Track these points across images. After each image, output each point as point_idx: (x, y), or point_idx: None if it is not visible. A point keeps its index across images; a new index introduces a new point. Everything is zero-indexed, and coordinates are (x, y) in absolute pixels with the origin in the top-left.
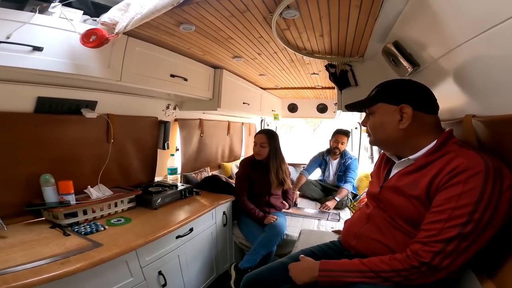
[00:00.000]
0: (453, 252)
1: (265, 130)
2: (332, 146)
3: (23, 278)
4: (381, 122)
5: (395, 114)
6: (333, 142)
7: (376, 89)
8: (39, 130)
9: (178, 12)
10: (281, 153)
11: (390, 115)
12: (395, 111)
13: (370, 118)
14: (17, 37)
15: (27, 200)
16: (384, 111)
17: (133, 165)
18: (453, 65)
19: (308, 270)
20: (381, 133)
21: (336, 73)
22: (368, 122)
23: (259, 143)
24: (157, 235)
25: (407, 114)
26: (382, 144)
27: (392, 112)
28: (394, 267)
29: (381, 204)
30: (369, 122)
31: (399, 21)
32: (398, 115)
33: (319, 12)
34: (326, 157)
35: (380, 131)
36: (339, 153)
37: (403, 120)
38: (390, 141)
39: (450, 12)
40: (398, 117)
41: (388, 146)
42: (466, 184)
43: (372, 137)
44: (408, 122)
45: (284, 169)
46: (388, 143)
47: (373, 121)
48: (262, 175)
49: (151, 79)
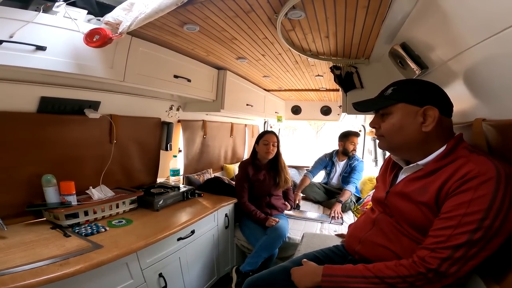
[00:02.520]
0: (461, 259)
1: (272, 131)
2: (348, 149)
3: (22, 279)
4: (400, 124)
5: (417, 116)
6: (349, 144)
7: (392, 87)
8: (41, 130)
9: (182, 12)
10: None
11: (411, 117)
12: (418, 112)
13: (384, 119)
14: (21, 36)
15: (28, 200)
16: (405, 112)
17: (135, 166)
18: (464, 68)
19: (311, 275)
20: (400, 136)
21: (341, 75)
22: (381, 123)
23: (272, 142)
24: (158, 237)
25: (433, 116)
26: (397, 148)
27: (414, 114)
28: (400, 273)
29: (387, 209)
30: (384, 123)
31: (408, 22)
32: (421, 117)
33: (325, 13)
34: (334, 158)
35: (399, 133)
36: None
37: (426, 122)
38: (408, 145)
39: (462, 13)
40: (420, 119)
41: (404, 150)
42: (476, 191)
43: (386, 140)
44: (433, 125)
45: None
46: (405, 147)
47: (391, 123)
48: (263, 176)
49: (154, 80)
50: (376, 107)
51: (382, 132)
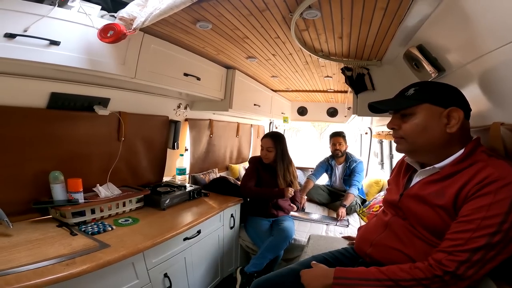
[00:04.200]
0: (479, 262)
1: (270, 134)
2: (331, 150)
3: (26, 279)
4: (425, 125)
5: (442, 117)
6: (331, 146)
7: (413, 88)
8: (50, 127)
9: (196, 9)
10: (288, 155)
11: (436, 118)
12: (443, 114)
13: (406, 120)
14: (35, 31)
15: (34, 197)
16: (430, 113)
17: (142, 164)
18: (483, 71)
19: (321, 277)
20: (423, 137)
21: (353, 76)
22: (402, 124)
23: (266, 147)
24: (165, 237)
25: (457, 118)
26: (419, 149)
27: (438, 115)
28: (415, 276)
29: (400, 212)
30: (406, 124)
31: (426, 24)
32: (445, 118)
33: (341, 13)
34: (331, 162)
35: (423, 134)
36: (342, 155)
37: (451, 124)
38: (429, 146)
39: (484, 17)
40: (445, 120)
41: (425, 152)
42: (496, 195)
43: (407, 141)
44: (457, 126)
45: (292, 171)
46: (427, 149)
47: (414, 123)
48: (270, 177)
49: (164, 77)
50: (399, 107)
51: (403, 134)
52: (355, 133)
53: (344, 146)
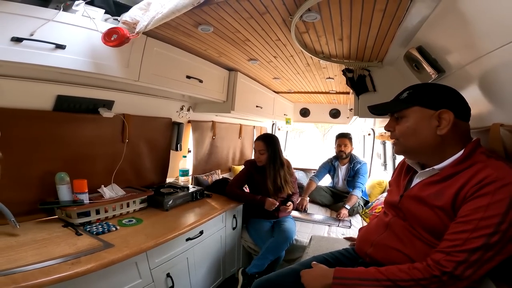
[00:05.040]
0: (476, 262)
1: (262, 136)
2: (336, 151)
3: (33, 278)
4: (415, 127)
5: (432, 119)
6: (336, 147)
7: (407, 91)
8: (56, 128)
9: (197, 12)
10: (281, 158)
11: (426, 120)
12: (433, 116)
13: (399, 123)
14: (41, 35)
15: (41, 198)
16: (420, 115)
17: (145, 165)
18: (482, 72)
19: (321, 277)
20: (414, 139)
21: (354, 78)
22: (396, 126)
23: (258, 150)
24: (168, 237)
25: (447, 120)
26: (411, 151)
27: (429, 117)
28: (414, 276)
29: (401, 213)
30: (399, 126)
31: (425, 25)
32: (436, 120)
33: (340, 16)
34: (335, 163)
35: (413, 137)
36: (346, 156)
37: (441, 126)
38: (422, 148)
39: (483, 17)
40: (435, 122)
41: (418, 153)
42: (494, 195)
43: (401, 143)
44: (447, 128)
45: (283, 175)
46: (419, 151)
47: (405, 126)
48: (263, 180)
49: (167, 80)
50: (391, 110)
51: (397, 135)
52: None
53: (350, 148)
